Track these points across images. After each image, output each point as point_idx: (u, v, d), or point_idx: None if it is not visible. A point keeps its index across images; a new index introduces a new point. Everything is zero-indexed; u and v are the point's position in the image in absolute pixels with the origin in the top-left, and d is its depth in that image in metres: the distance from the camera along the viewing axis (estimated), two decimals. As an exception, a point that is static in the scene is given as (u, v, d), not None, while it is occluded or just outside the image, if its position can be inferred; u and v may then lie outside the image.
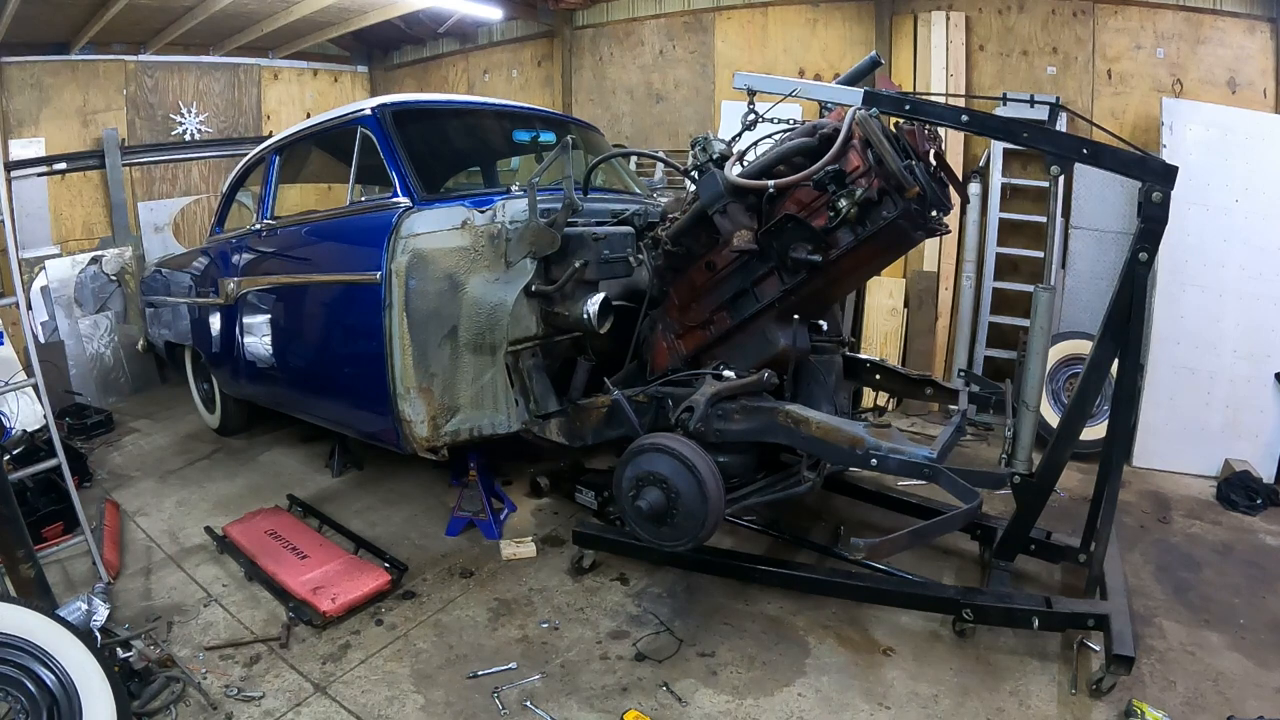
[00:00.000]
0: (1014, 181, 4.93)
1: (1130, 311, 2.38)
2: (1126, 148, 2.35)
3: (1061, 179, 2.42)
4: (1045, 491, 2.63)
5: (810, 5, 5.68)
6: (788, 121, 2.78)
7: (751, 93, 2.76)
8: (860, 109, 2.44)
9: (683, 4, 6.24)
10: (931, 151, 2.65)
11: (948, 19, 5.07)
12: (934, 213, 2.59)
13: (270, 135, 5.06)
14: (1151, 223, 2.27)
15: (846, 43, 5.53)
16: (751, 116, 2.75)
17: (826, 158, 2.42)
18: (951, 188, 2.76)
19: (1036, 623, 2.45)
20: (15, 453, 3.66)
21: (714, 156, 2.62)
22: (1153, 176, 2.24)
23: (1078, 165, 2.36)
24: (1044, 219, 4.76)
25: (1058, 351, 4.39)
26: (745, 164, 2.72)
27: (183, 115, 6.86)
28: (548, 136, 3.83)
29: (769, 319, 2.79)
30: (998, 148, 4.92)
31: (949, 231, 2.94)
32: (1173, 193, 2.23)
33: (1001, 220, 4.92)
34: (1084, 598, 2.67)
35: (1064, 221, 4.75)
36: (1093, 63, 4.83)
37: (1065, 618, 2.46)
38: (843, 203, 2.43)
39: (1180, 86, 4.61)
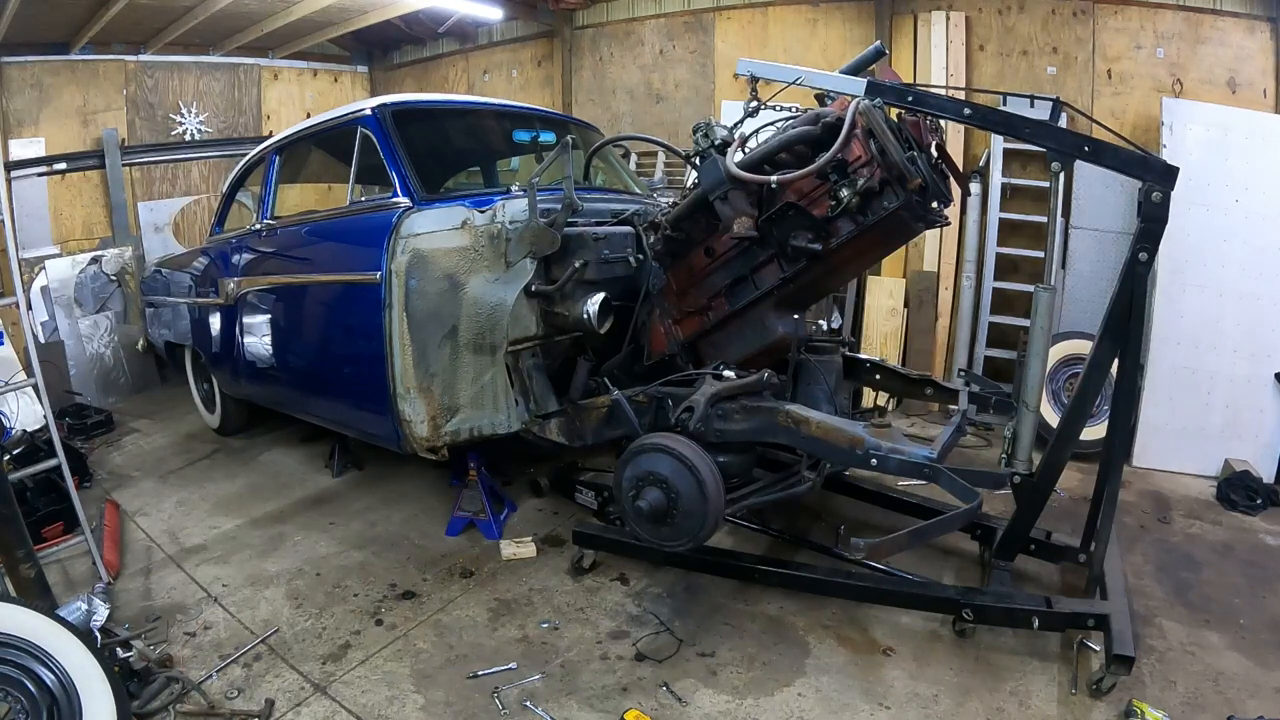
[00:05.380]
0: (1014, 181, 4.93)
1: (1130, 311, 2.38)
2: (1129, 147, 2.34)
3: (1062, 178, 2.42)
4: (1045, 491, 2.63)
5: (810, 5, 5.68)
6: (790, 109, 2.77)
7: (754, 79, 2.74)
8: (864, 99, 2.43)
9: (683, 4, 6.24)
10: (933, 143, 2.64)
11: (948, 19, 5.07)
12: (935, 204, 2.58)
13: (270, 135, 5.06)
14: (1151, 222, 2.27)
15: (846, 43, 5.52)
16: (754, 104, 2.73)
17: (831, 151, 2.40)
18: (952, 179, 2.76)
19: (1037, 623, 2.45)
20: (15, 453, 3.66)
21: (716, 142, 2.61)
22: (1153, 176, 2.24)
23: (1079, 165, 2.36)
24: (1044, 219, 4.78)
25: (1058, 351, 4.39)
26: (747, 151, 2.70)
27: (183, 115, 6.86)
28: (548, 136, 3.82)
29: (767, 306, 2.79)
30: (998, 147, 4.92)
31: (949, 223, 2.93)
32: (1173, 193, 2.23)
33: (1001, 220, 4.92)
34: (1084, 597, 2.67)
35: (1064, 221, 4.75)
36: (1093, 63, 4.83)
37: (1065, 618, 2.46)
38: (844, 192, 2.42)
39: (1180, 86, 4.60)
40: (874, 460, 2.41)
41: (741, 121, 2.71)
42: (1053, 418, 4.18)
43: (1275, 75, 4.42)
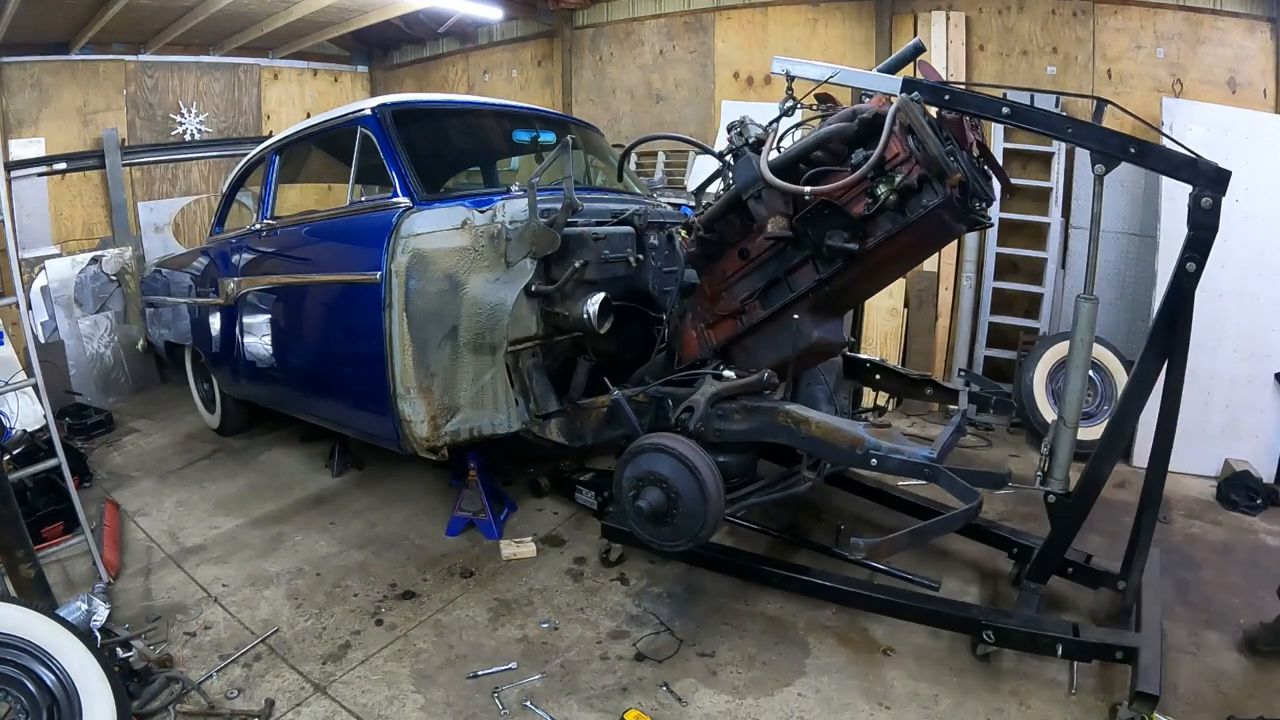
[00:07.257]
0: (1014, 181, 4.92)
1: (1176, 323, 2.25)
2: (1178, 149, 2.19)
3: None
4: (1083, 511, 2.50)
5: (810, 5, 5.68)
6: (825, 105, 2.69)
7: (790, 78, 2.66)
8: (903, 95, 2.35)
9: (683, 4, 6.24)
10: (974, 140, 2.54)
11: (948, 19, 5.07)
12: (977, 204, 2.51)
13: (270, 135, 5.06)
14: (1201, 230, 2.13)
15: (846, 43, 5.53)
16: (790, 102, 2.66)
17: (876, 153, 2.32)
18: (995, 179, 2.65)
19: (1061, 650, 2.30)
20: (15, 453, 3.66)
21: (750, 140, 2.56)
22: (1203, 181, 2.09)
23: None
24: (1044, 219, 4.79)
25: (1058, 351, 4.39)
26: (782, 149, 2.61)
27: (183, 115, 6.86)
28: (548, 136, 3.82)
29: (801, 310, 2.69)
30: (998, 147, 4.91)
31: (991, 224, 2.80)
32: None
33: (1001, 220, 4.90)
34: (1113, 625, 2.55)
35: (1064, 221, 4.75)
36: (1093, 63, 4.83)
37: (1092, 648, 2.30)
38: (882, 189, 2.34)
39: (1180, 86, 4.60)
40: (874, 460, 2.39)
41: (778, 119, 2.64)
42: (1053, 417, 4.17)
43: (1275, 75, 4.42)
